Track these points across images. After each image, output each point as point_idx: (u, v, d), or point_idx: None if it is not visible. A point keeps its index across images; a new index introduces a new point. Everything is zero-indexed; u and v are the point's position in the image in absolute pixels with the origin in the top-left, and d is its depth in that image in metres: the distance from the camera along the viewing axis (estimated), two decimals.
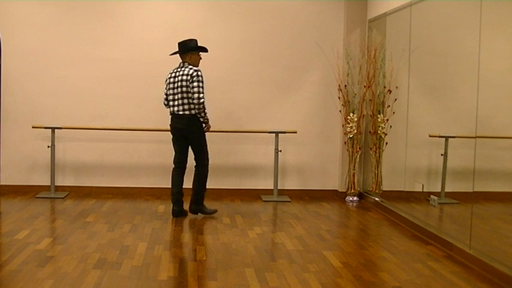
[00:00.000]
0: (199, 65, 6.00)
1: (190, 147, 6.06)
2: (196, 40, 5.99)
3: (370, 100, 7.03)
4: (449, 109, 5.33)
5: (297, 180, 7.50)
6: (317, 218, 6.18)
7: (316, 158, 7.50)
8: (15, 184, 7.18)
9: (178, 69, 5.92)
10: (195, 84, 5.80)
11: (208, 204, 6.73)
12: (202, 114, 5.90)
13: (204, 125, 5.99)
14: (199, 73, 5.84)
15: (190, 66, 5.89)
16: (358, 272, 4.32)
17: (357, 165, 7.20)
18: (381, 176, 6.83)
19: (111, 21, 7.20)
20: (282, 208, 6.72)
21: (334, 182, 7.51)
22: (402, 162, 6.13)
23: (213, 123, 6.88)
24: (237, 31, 7.32)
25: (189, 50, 5.92)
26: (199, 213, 6.10)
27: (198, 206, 6.08)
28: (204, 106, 5.86)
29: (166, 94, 6.00)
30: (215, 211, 6.18)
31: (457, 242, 4.82)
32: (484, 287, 4.09)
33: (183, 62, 5.94)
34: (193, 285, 3.96)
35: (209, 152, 6.11)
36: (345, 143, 7.22)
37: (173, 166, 6.09)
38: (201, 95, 5.80)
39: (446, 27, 5.40)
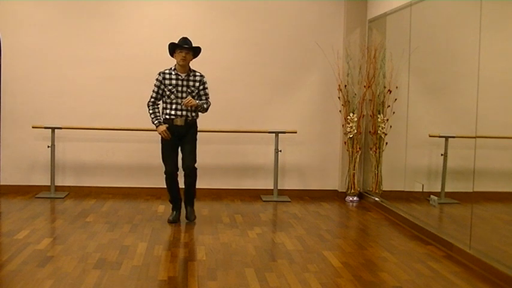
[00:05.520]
0: (192, 64, 5.89)
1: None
2: (182, 38, 5.77)
3: (370, 100, 7.03)
4: (449, 109, 5.33)
5: (297, 180, 7.50)
6: (317, 218, 6.18)
7: (316, 158, 7.51)
8: (15, 184, 7.18)
9: None
10: None
11: (209, 204, 6.76)
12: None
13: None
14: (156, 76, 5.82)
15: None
16: (358, 272, 4.32)
17: (357, 165, 7.20)
18: (381, 176, 6.83)
19: (111, 22, 7.20)
20: (282, 208, 6.72)
21: (334, 182, 7.51)
22: (402, 162, 6.13)
23: (213, 124, 6.90)
24: (237, 31, 7.32)
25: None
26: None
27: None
28: (148, 108, 5.83)
29: None
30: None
31: (457, 242, 4.82)
32: (484, 287, 4.09)
33: None
34: (193, 285, 3.96)
35: (168, 161, 5.82)
36: (345, 143, 7.22)
37: None
38: (150, 96, 5.83)
39: (446, 27, 5.40)
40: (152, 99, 5.81)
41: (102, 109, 7.20)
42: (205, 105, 5.82)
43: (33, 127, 6.96)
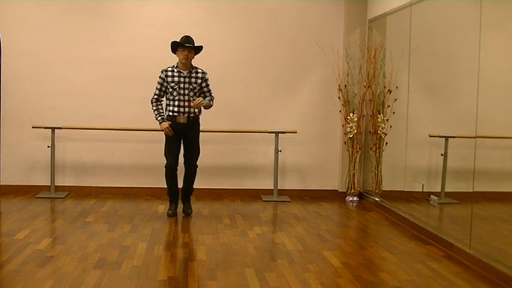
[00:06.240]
0: (191, 62, 5.95)
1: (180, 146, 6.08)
2: (185, 37, 5.86)
3: (370, 100, 7.03)
4: (449, 109, 5.33)
5: (297, 180, 7.50)
6: (317, 218, 6.18)
7: (316, 158, 7.50)
8: (15, 184, 7.18)
9: None
10: None
11: (209, 204, 6.76)
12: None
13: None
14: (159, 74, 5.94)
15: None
16: (358, 272, 4.32)
17: (357, 165, 7.20)
18: (381, 176, 6.83)
19: (111, 21, 7.20)
20: (282, 208, 6.72)
21: (334, 182, 7.51)
22: (402, 162, 6.13)
23: (213, 124, 6.90)
24: (237, 31, 7.32)
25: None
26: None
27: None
28: (151, 104, 5.95)
29: None
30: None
31: (457, 242, 4.82)
32: (484, 287, 4.09)
33: None
34: (193, 285, 3.96)
35: (169, 155, 5.92)
36: (345, 143, 7.22)
37: None
38: (153, 93, 5.95)
39: (446, 27, 5.40)
40: (155, 96, 5.95)
41: (102, 109, 7.20)
42: (211, 102, 6.00)
43: (33, 127, 6.96)
